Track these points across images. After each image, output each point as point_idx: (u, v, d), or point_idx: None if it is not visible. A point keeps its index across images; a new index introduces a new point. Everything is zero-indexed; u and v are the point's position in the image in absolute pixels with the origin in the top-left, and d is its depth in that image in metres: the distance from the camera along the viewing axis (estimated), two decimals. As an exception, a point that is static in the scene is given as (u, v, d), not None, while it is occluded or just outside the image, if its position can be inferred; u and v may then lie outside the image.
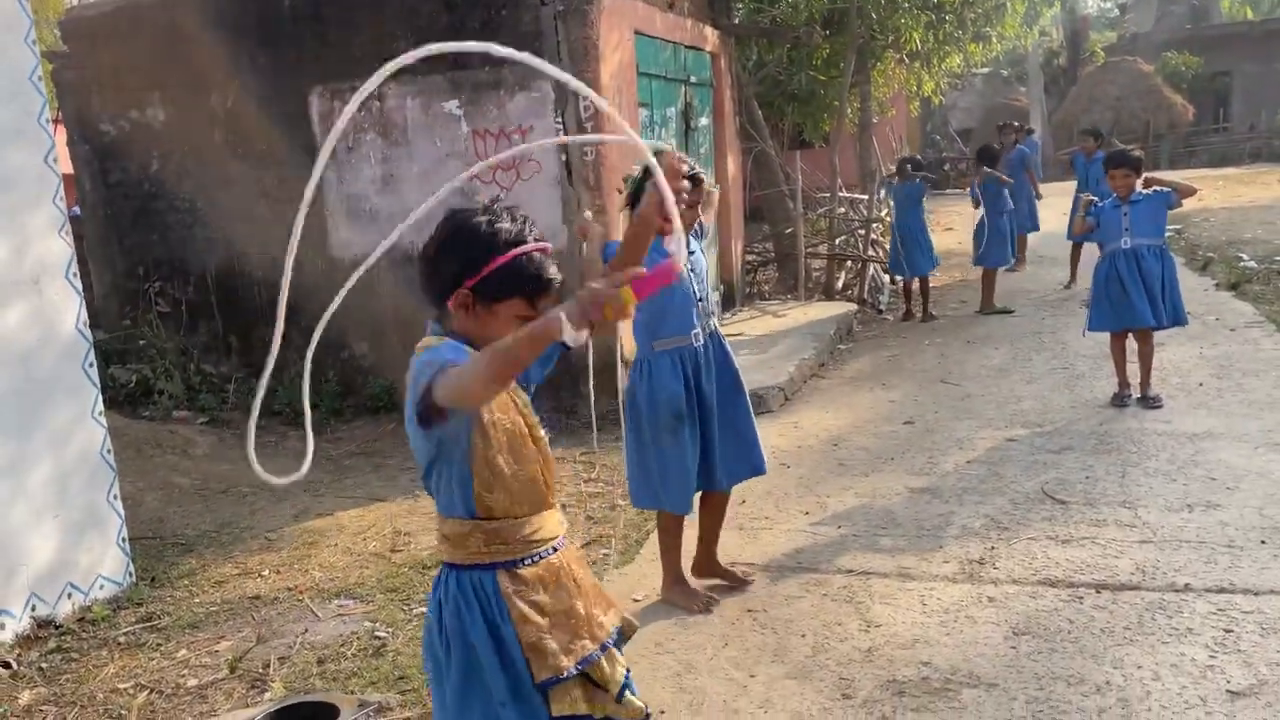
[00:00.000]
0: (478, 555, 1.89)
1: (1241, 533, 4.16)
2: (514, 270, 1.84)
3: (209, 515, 5.46)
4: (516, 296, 1.85)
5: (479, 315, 1.86)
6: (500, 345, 1.58)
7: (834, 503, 4.96)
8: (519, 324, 1.80)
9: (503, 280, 1.84)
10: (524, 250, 1.86)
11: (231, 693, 3.56)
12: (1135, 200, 6.09)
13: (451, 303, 1.86)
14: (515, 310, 1.86)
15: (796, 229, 11.01)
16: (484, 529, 1.88)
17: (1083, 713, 2.99)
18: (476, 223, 1.87)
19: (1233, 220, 14.57)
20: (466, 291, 1.85)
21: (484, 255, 1.84)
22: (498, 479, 1.87)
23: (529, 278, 1.86)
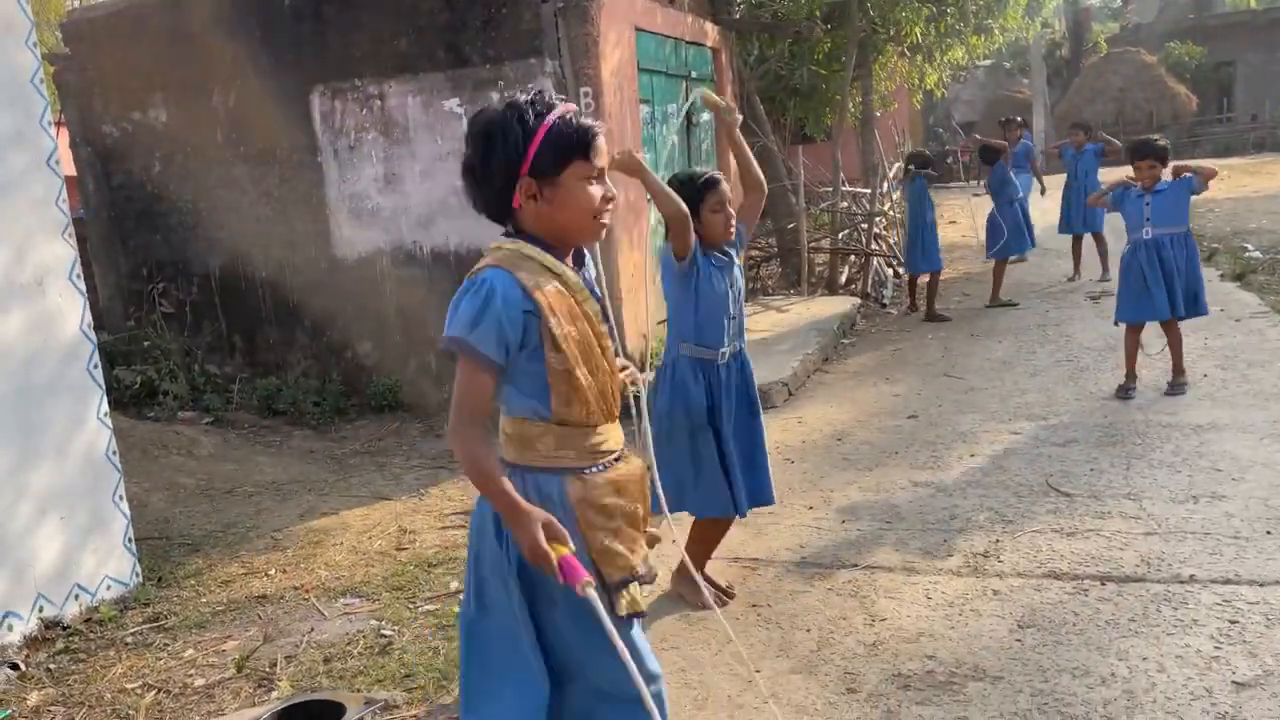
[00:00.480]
0: (546, 459, 1.90)
1: (1247, 524, 4.16)
2: (557, 136, 1.84)
3: (215, 515, 5.48)
4: (574, 159, 1.86)
5: (549, 198, 1.86)
6: (476, 462, 1.79)
7: (838, 497, 4.97)
8: (586, 185, 1.86)
9: (554, 150, 1.84)
10: (556, 115, 1.86)
11: (239, 692, 3.57)
12: (1159, 190, 6.06)
13: (518, 197, 1.85)
14: (579, 174, 1.87)
15: (799, 224, 11.00)
16: (556, 433, 1.89)
17: (1088, 705, 2.99)
18: (503, 114, 1.86)
19: (1237, 211, 14.54)
20: (528, 179, 1.84)
21: (525, 137, 1.83)
22: (576, 390, 1.88)
23: (574, 136, 1.86)
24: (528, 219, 1.88)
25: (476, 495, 1.98)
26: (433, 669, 3.59)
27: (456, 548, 4.76)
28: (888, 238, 12.78)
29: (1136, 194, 6.16)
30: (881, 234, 12.40)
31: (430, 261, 7.22)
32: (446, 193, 7.06)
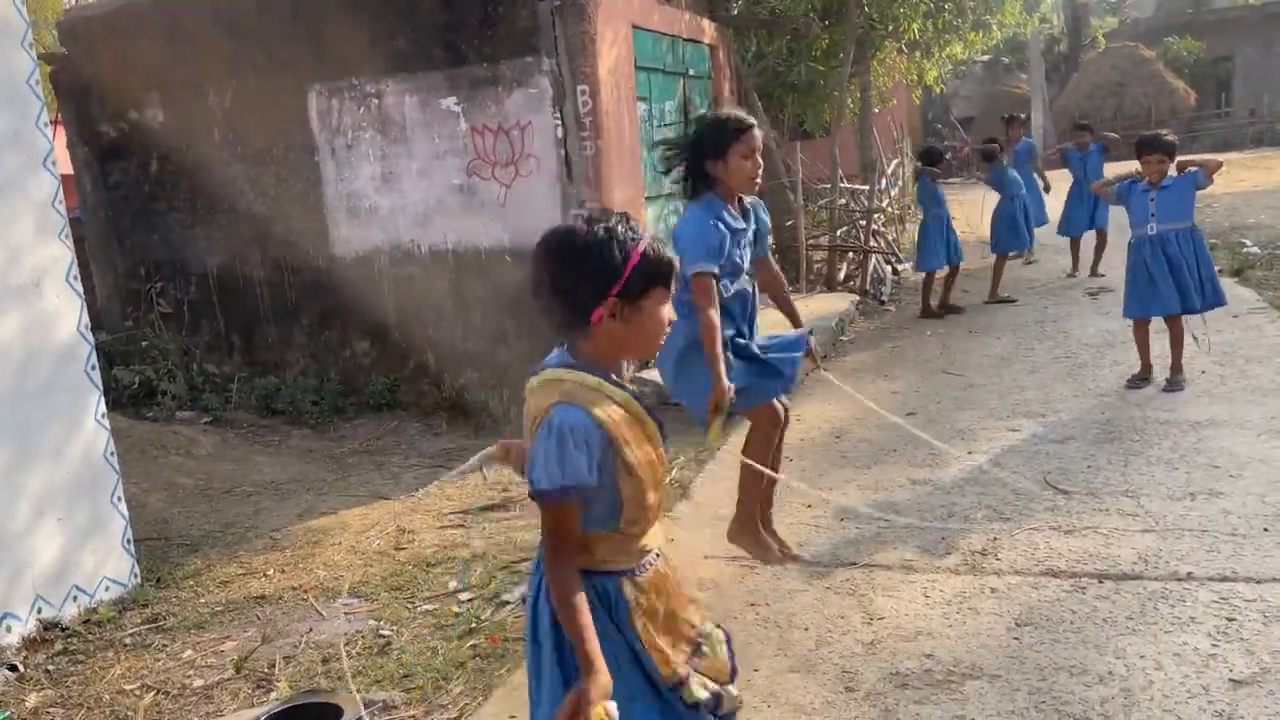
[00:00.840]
0: (602, 562, 1.98)
1: (1244, 520, 4.16)
2: (646, 263, 1.92)
3: (213, 515, 5.48)
4: (657, 286, 1.94)
5: (627, 318, 1.92)
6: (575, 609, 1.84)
7: (837, 494, 4.97)
8: (660, 309, 1.95)
9: (643, 276, 1.92)
10: (645, 244, 1.94)
11: (237, 693, 3.57)
12: (1165, 186, 6.08)
13: (599, 314, 1.90)
14: (658, 300, 1.95)
15: (797, 221, 10.99)
16: (615, 541, 1.98)
17: (1085, 703, 2.99)
18: (600, 236, 1.91)
19: (1236, 205, 14.54)
20: (616, 299, 1.90)
21: (620, 261, 1.90)
22: (644, 510, 1.98)
23: (660, 265, 1.95)
24: (599, 336, 1.94)
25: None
26: (431, 669, 3.59)
27: (454, 547, 4.76)
28: (886, 234, 12.78)
29: (1142, 189, 6.16)
30: (880, 230, 12.40)
31: (428, 260, 7.21)
32: (444, 191, 7.06)
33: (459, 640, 3.81)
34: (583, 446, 1.84)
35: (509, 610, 4.03)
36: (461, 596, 4.20)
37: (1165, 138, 6.21)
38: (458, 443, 6.62)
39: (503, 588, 4.24)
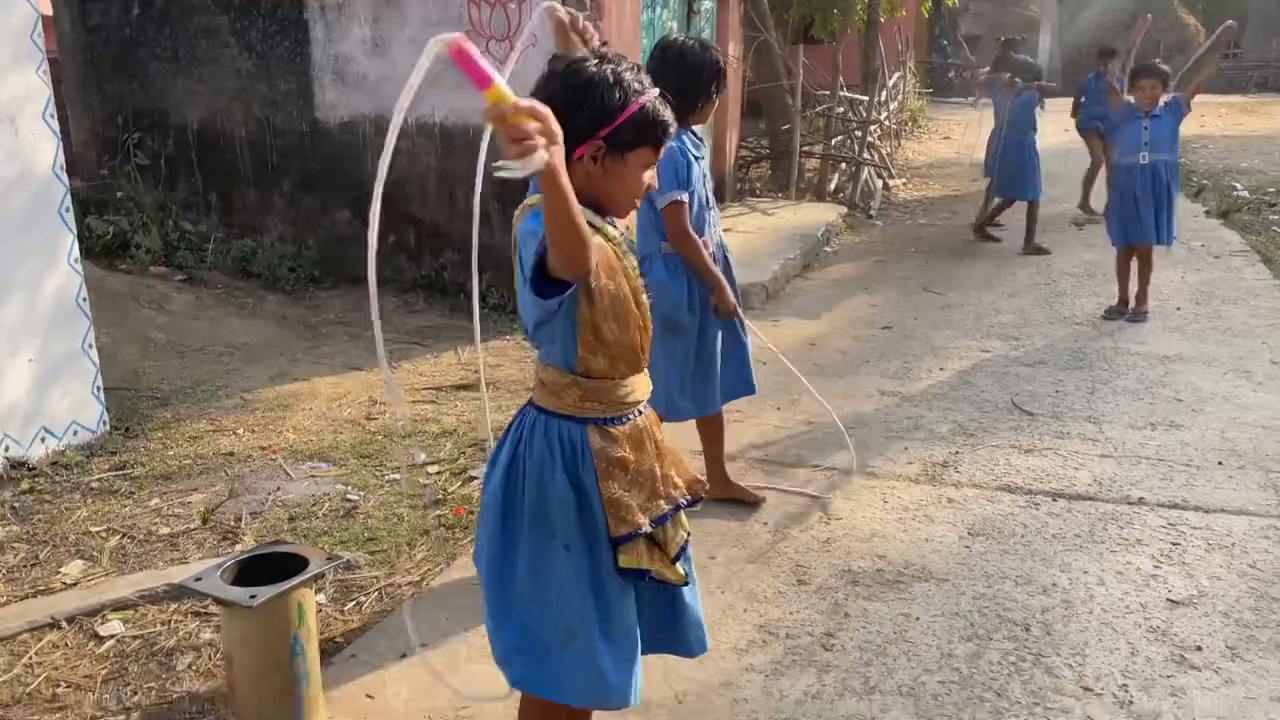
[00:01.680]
0: (572, 408, 1.93)
1: (1200, 453, 4.26)
2: (643, 118, 1.86)
3: (184, 372, 5.47)
4: (646, 145, 1.88)
5: (607, 167, 1.86)
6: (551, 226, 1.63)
7: (806, 400, 5.02)
8: (642, 171, 1.88)
9: (635, 129, 1.85)
10: (650, 98, 1.86)
11: (203, 542, 3.62)
12: (1156, 115, 6.07)
13: (580, 152, 1.84)
14: (643, 159, 1.89)
15: (793, 126, 10.83)
16: (582, 385, 1.92)
17: (1027, 610, 3.10)
18: (604, 73, 1.84)
19: (1231, 149, 14.48)
20: (600, 142, 1.84)
21: (616, 105, 1.83)
22: (601, 344, 1.90)
23: (657, 124, 1.88)
24: (577, 175, 1.83)
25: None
26: (396, 535, 3.65)
27: (425, 421, 4.79)
28: (880, 148, 12.64)
29: (1135, 116, 6.15)
30: (875, 143, 12.25)
31: (415, 133, 7.05)
32: (435, 63, 6.84)
33: (425, 510, 3.87)
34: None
35: (475, 485, 4.08)
36: (430, 469, 4.25)
37: (1160, 65, 6.23)
38: (434, 321, 6.61)
39: (470, 463, 4.29)
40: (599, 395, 1.93)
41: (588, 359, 1.90)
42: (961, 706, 2.65)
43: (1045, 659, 2.85)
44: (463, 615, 3.10)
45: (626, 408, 1.97)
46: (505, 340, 6.19)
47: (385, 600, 3.25)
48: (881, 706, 2.65)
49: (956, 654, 2.89)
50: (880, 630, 3.01)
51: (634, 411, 1.98)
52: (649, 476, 1.97)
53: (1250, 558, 3.40)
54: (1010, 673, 2.79)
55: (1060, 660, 2.85)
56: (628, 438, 1.96)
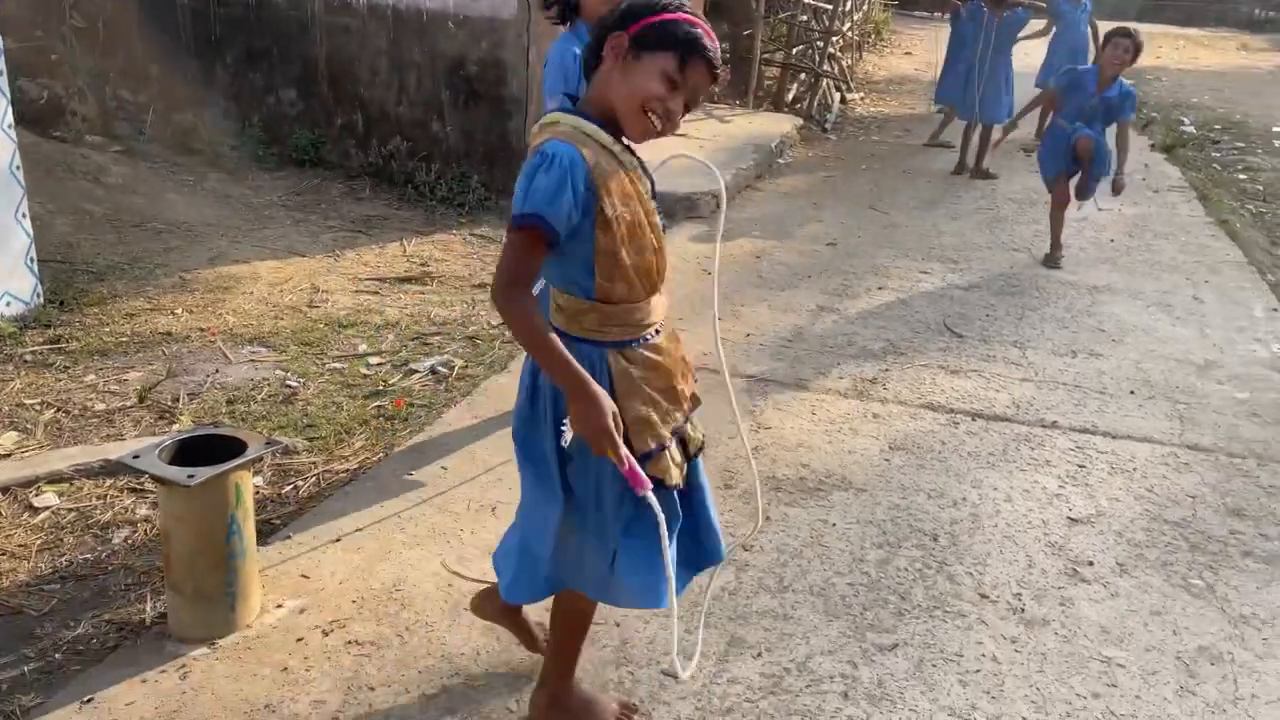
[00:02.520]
0: (592, 332, 1.96)
1: (1115, 381, 4.46)
2: (676, 27, 1.88)
3: (121, 247, 5.37)
4: (670, 50, 1.88)
5: (627, 64, 1.89)
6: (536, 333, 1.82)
7: (747, 312, 5.12)
8: (661, 80, 1.87)
9: (663, 33, 1.88)
10: (686, 17, 1.90)
11: (139, 420, 3.64)
12: (1108, 94, 5.86)
13: (609, 45, 1.90)
14: (663, 65, 1.87)
15: (755, 32, 10.68)
16: (601, 311, 1.95)
17: (936, 522, 3.28)
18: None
19: (1183, 83, 14.62)
20: (626, 35, 1.88)
21: (654, 9, 1.89)
22: (619, 270, 1.92)
23: (688, 37, 1.89)
24: (599, 80, 1.93)
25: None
26: (335, 422, 3.71)
27: (368, 312, 4.80)
28: (841, 60, 12.53)
29: (1089, 89, 5.91)
30: (836, 55, 12.14)
31: (366, 13, 6.84)
32: None
33: (365, 400, 3.92)
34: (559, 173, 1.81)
35: (417, 378, 4.14)
36: (371, 359, 4.29)
37: (1139, 36, 5.93)
38: (380, 210, 6.53)
39: (412, 356, 4.33)
40: (617, 319, 1.96)
41: (605, 286, 1.93)
42: (867, 607, 2.83)
43: (949, 567, 3.04)
44: (397, 503, 3.19)
45: (644, 329, 2.00)
46: (452, 234, 6.16)
47: (322, 485, 3.32)
48: (792, 604, 2.82)
49: (867, 559, 3.06)
50: (798, 534, 3.17)
51: (651, 332, 2.02)
52: (668, 392, 2.04)
53: (1149, 482, 3.62)
54: (915, 578, 2.98)
55: (963, 569, 3.04)
56: (645, 359, 2.00)
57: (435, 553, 2.96)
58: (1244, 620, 2.86)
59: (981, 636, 2.73)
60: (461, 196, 6.68)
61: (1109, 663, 2.66)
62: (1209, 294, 5.69)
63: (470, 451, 3.55)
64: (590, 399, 1.82)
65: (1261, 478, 3.69)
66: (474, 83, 6.72)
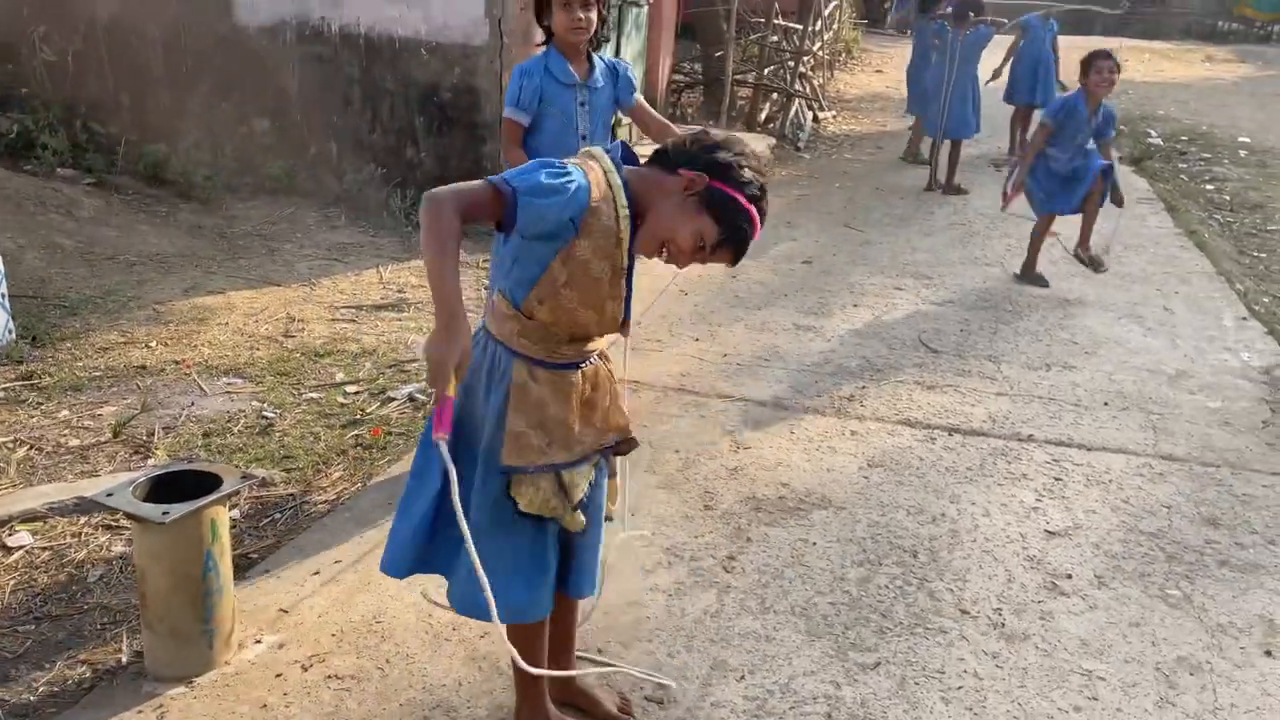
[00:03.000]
0: (507, 338, 1.99)
1: (1089, 394, 4.51)
2: (743, 215, 1.92)
3: (94, 280, 5.33)
4: (722, 226, 1.91)
5: (684, 199, 1.91)
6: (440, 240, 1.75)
7: (724, 332, 5.14)
8: (695, 240, 1.91)
9: (731, 210, 1.91)
10: (756, 218, 1.94)
11: (114, 456, 3.61)
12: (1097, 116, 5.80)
13: (683, 172, 1.92)
14: (706, 230, 1.91)
15: (726, 52, 10.77)
16: (521, 322, 1.97)
17: (916, 539, 3.30)
18: (751, 162, 1.95)
19: (1149, 95, 14.83)
20: (707, 184, 1.90)
21: (743, 184, 1.92)
22: (553, 301, 1.93)
23: (743, 232, 1.93)
24: (651, 181, 1.97)
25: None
26: (312, 453, 3.69)
27: (345, 340, 4.79)
28: (813, 79, 12.64)
29: (1083, 114, 5.82)
30: (807, 74, 12.25)
31: (339, 41, 6.86)
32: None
33: (342, 429, 3.90)
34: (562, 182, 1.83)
35: (394, 406, 4.12)
36: (348, 388, 4.27)
37: (1117, 57, 5.91)
38: (355, 237, 6.52)
39: (390, 384, 4.32)
40: (536, 338, 1.98)
41: (532, 304, 1.94)
42: (849, 626, 2.83)
43: (929, 583, 3.05)
44: (376, 534, 3.17)
45: (560, 357, 2.01)
46: (428, 260, 6.14)
47: (300, 517, 3.30)
48: (775, 625, 2.82)
49: (848, 577, 3.07)
50: (779, 554, 3.18)
51: (565, 364, 2.01)
52: (560, 426, 2.01)
53: (1124, 493, 3.65)
54: (896, 596, 2.98)
55: (943, 585, 3.05)
56: (550, 380, 2.00)
57: (415, 583, 2.93)
58: (1221, 630, 2.89)
59: (963, 653, 2.74)
60: (437, 222, 6.67)
61: (1089, 676, 2.67)
62: (1179, 304, 5.77)
63: (449, 479, 3.54)
64: (452, 333, 1.74)
65: (1235, 486, 3.73)
66: (447, 109, 6.75)
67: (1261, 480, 3.77)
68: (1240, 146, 11.02)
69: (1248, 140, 11.36)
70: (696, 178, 1.90)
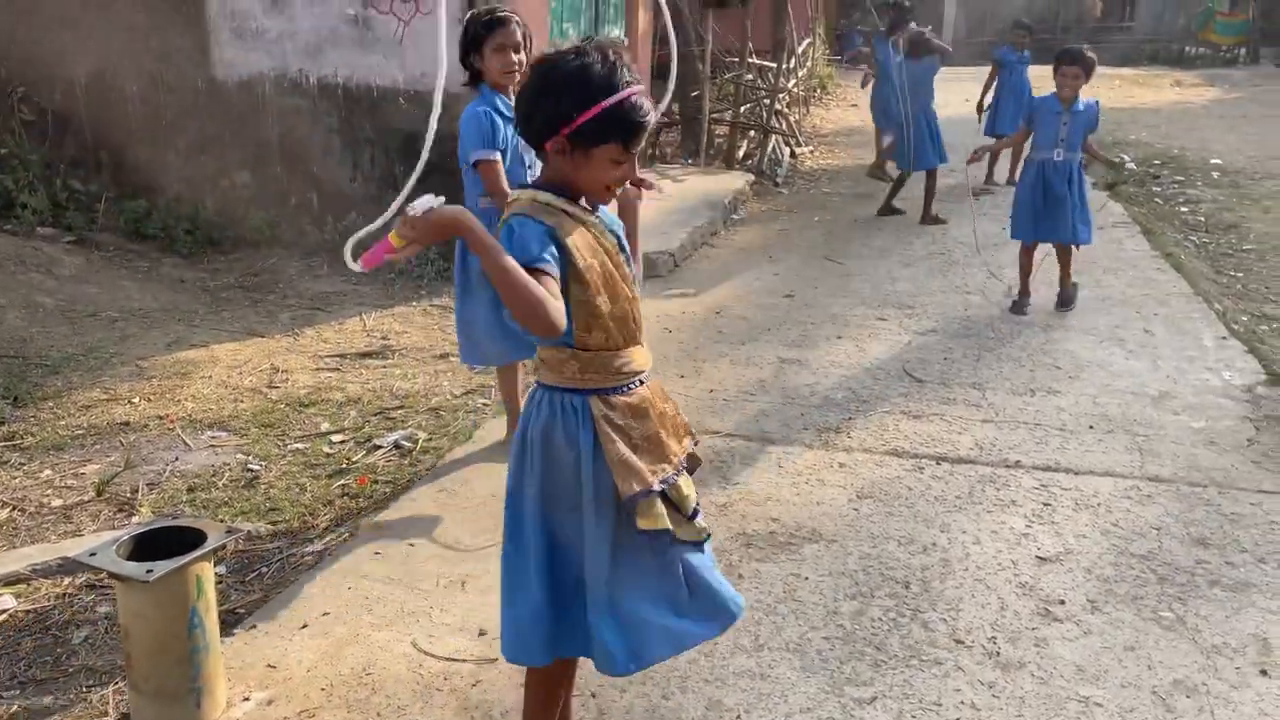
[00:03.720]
0: (573, 380, 2.02)
1: (1074, 418, 4.52)
2: (609, 116, 1.92)
3: (75, 338, 5.31)
4: (612, 141, 1.94)
5: (575, 160, 1.96)
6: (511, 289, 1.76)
7: (709, 368, 5.15)
8: (612, 165, 1.95)
9: (598, 127, 1.92)
10: (620, 97, 1.92)
11: (98, 515, 3.58)
12: (1075, 110, 5.86)
13: (549, 147, 1.96)
14: (610, 154, 1.95)
15: (703, 92, 10.89)
16: (580, 358, 2.00)
17: (908, 569, 3.29)
18: (571, 69, 1.92)
19: (1120, 121, 15.04)
20: (563, 139, 1.93)
21: (580, 102, 1.91)
22: (596, 319, 1.98)
23: (623, 123, 1.93)
24: (551, 163, 2.00)
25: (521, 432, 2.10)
26: (299, 505, 3.66)
27: (329, 389, 4.77)
28: (789, 115, 12.80)
29: (1054, 109, 5.91)
30: (783, 111, 12.40)
31: (317, 93, 6.91)
32: (338, 21, 6.72)
33: (328, 479, 3.87)
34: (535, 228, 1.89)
35: (381, 454, 4.10)
36: (334, 438, 4.25)
37: (1087, 53, 5.94)
38: (338, 286, 6.53)
39: (375, 432, 4.30)
40: (597, 366, 2.01)
41: (583, 335, 1.99)
42: (844, 661, 2.81)
43: (922, 614, 3.04)
44: (365, 584, 3.14)
45: (625, 377, 2.05)
46: (411, 306, 6.16)
47: (287, 570, 3.26)
48: (770, 662, 2.80)
49: (841, 611, 3.05)
50: (771, 590, 3.16)
51: (634, 381, 2.06)
52: (653, 442, 2.06)
53: (1114, 516, 3.66)
54: (890, 628, 2.97)
55: (936, 615, 3.04)
56: (629, 405, 2.04)
57: (405, 634, 2.91)
58: (1216, 650, 2.88)
59: (959, 683, 2.72)
60: (420, 269, 6.70)
61: (1087, 702, 2.66)
62: (1159, 326, 5.81)
63: (437, 525, 3.52)
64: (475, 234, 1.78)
65: (1223, 505, 3.74)
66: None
67: (1249, 498, 3.78)
68: (1212, 168, 11.18)
69: (1219, 162, 11.53)
70: (554, 143, 1.94)
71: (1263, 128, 14.76)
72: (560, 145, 1.93)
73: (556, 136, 1.93)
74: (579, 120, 1.90)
